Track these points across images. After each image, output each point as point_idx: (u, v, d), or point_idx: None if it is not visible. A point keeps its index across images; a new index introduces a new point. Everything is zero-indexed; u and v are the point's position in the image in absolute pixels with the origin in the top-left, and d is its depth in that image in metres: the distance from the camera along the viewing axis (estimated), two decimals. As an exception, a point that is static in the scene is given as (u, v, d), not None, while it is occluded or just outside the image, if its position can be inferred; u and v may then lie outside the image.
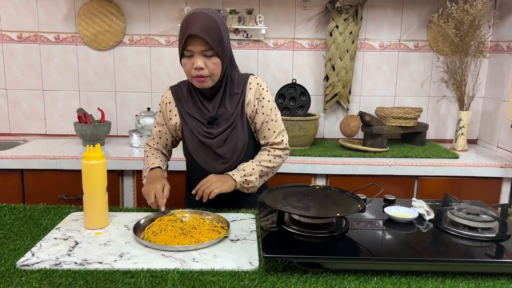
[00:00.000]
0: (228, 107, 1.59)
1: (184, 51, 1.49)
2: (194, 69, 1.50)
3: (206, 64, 1.49)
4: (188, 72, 1.53)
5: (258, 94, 1.63)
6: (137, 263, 1.16)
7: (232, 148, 1.60)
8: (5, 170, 2.28)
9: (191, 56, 1.50)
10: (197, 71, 1.49)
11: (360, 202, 1.34)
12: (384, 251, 1.22)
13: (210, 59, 1.50)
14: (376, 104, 2.86)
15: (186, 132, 1.64)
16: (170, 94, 1.68)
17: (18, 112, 2.82)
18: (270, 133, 1.65)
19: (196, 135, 1.61)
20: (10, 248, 1.24)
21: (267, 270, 1.14)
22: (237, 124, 1.60)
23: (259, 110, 1.63)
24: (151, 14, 2.73)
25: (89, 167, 1.36)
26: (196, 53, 1.48)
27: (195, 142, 1.62)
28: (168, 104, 1.68)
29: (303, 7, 2.75)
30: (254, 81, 1.64)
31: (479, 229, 1.29)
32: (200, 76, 1.50)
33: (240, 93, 1.61)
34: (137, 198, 2.37)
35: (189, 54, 1.50)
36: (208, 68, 1.50)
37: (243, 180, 1.58)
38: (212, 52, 1.49)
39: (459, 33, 2.49)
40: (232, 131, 1.59)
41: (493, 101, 2.76)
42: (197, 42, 1.46)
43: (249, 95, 1.62)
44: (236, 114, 1.60)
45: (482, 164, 2.37)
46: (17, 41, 2.73)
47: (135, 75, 2.80)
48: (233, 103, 1.60)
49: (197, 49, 1.47)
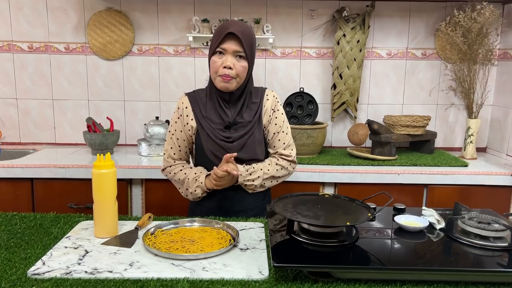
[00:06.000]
0: (246, 116, 1.66)
1: (218, 48, 1.55)
2: (222, 68, 1.55)
3: (234, 65, 1.56)
4: (216, 69, 1.57)
5: (274, 105, 1.72)
6: (147, 272, 1.16)
7: (251, 152, 1.66)
8: (15, 179, 2.30)
9: (221, 55, 1.56)
10: (225, 70, 1.55)
11: (370, 211, 1.34)
12: (395, 261, 1.21)
13: (239, 61, 1.57)
14: (384, 112, 2.86)
15: (203, 135, 1.65)
16: (186, 99, 1.71)
17: (28, 121, 2.85)
18: (280, 143, 1.71)
19: (213, 139, 1.63)
20: (21, 257, 1.25)
21: (277, 279, 1.14)
22: (255, 130, 1.66)
23: (272, 120, 1.71)
24: (160, 24, 2.76)
25: (100, 176, 1.37)
26: (228, 53, 1.55)
27: (212, 146, 1.64)
28: (185, 109, 1.69)
29: (310, 16, 2.76)
30: (270, 93, 1.74)
31: (491, 238, 1.27)
32: (227, 75, 1.56)
33: (258, 102, 1.69)
34: (145, 206, 2.38)
35: (222, 51, 1.56)
36: (236, 69, 1.57)
37: (246, 179, 1.65)
38: (243, 55, 1.57)
39: (467, 41, 2.49)
40: (251, 137, 1.65)
41: (502, 109, 2.74)
42: (232, 41, 1.54)
43: (266, 105, 1.71)
44: (254, 121, 1.66)
45: (491, 172, 2.35)
46: (27, 51, 2.77)
47: (143, 84, 2.83)
48: (251, 112, 1.67)
49: (231, 48, 1.55)
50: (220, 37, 1.55)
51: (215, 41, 1.58)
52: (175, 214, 1.72)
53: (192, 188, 1.66)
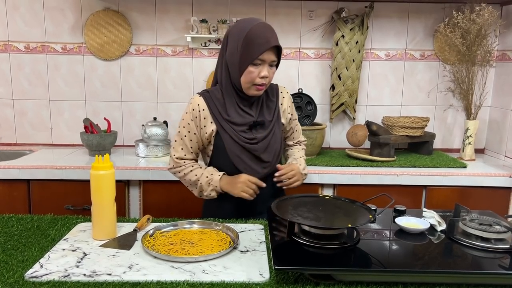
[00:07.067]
0: (267, 115, 1.67)
1: (257, 60, 1.53)
2: (260, 78, 1.55)
3: (269, 74, 1.57)
4: (252, 80, 1.56)
5: (290, 102, 1.78)
6: (146, 275, 1.14)
7: (273, 152, 1.67)
8: (11, 180, 2.28)
9: (258, 65, 1.55)
10: (262, 80, 1.56)
11: (371, 212, 1.33)
12: (396, 263, 1.20)
13: (271, 69, 1.58)
14: (383, 113, 2.85)
15: (225, 138, 1.61)
16: (202, 100, 1.63)
17: (25, 122, 2.83)
18: (298, 133, 1.88)
19: (237, 141, 1.60)
20: (19, 259, 1.23)
21: (278, 282, 1.13)
22: (276, 129, 1.68)
23: (292, 117, 1.80)
24: (158, 24, 2.75)
25: (98, 178, 1.36)
26: (265, 63, 1.55)
27: (236, 148, 1.61)
28: (202, 111, 1.62)
29: (309, 17, 2.76)
30: (284, 90, 1.77)
31: (492, 240, 1.27)
32: (263, 84, 1.57)
33: (275, 101, 1.70)
34: (143, 208, 2.36)
35: (260, 63, 1.55)
36: (269, 77, 1.58)
37: (304, 173, 1.74)
38: (276, 63, 1.59)
39: (466, 42, 2.49)
40: (273, 136, 1.67)
41: (500, 110, 2.74)
42: (272, 52, 1.54)
43: (284, 104, 1.75)
44: (274, 120, 1.68)
45: (490, 173, 2.35)
46: (24, 52, 2.75)
47: (141, 85, 2.81)
48: (271, 111, 1.69)
49: (270, 59, 1.55)
50: (262, 50, 1.51)
51: (254, 51, 1.52)
52: (173, 215, 1.70)
53: (207, 191, 1.65)
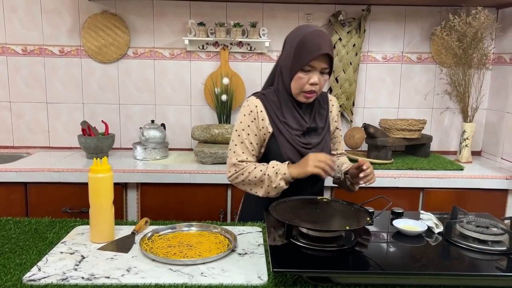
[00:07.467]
0: (319, 122, 1.66)
1: (307, 66, 1.52)
2: (309, 85, 1.54)
3: (319, 81, 1.54)
4: (301, 86, 1.55)
5: (337, 111, 1.77)
6: (144, 278, 1.14)
7: None
8: (8, 183, 2.27)
9: (308, 72, 1.53)
10: (312, 87, 1.54)
11: (369, 215, 1.33)
12: (394, 265, 1.20)
13: (323, 76, 1.56)
14: (380, 116, 2.86)
15: (281, 140, 1.60)
16: (259, 102, 1.62)
17: (22, 125, 2.83)
18: (341, 145, 1.86)
19: (293, 144, 1.60)
20: (16, 262, 1.23)
21: (276, 284, 1.13)
22: (327, 137, 1.68)
23: (338, 126, 1.79)
24: (155, 27, 2.75)
25: (96, 181, 1.36)
26: (316, 70, 1.53)
27: (291, 151, 1.60)
28: (260, 112, 1.61)
29: (306, 20, 2.76)
30: (333, 99, 1.77)
31: (489, 242, 1.28)
32: (313, 92, 1.55)
33: (326, 108, 1.70)
34: (141, 211, 2.36)
35: (310, 69, 1.53)
36: (320, 85, 1.56)
37: None
38: (328, 71, 1.56)
39: (462, 45, 2.50)
40: (325, 143, 1.67)
41: (496, 113, 2.76)
42: (322, 59, 1.52)
43: (333, 112, 1.74)
44: (325, 128, 1.68)
45: (487, 176, 2.36)
46: (21, 54, 2.75)
47: (139, 87, 2.81)
48: (322, 118, 1.68)
49: (320, 66, 1.52)
50: (313, 57, 1.49)
51: (305, 57, 1.51)
52: (171, 218, 1.71)
53: (275, 182, 1.54)
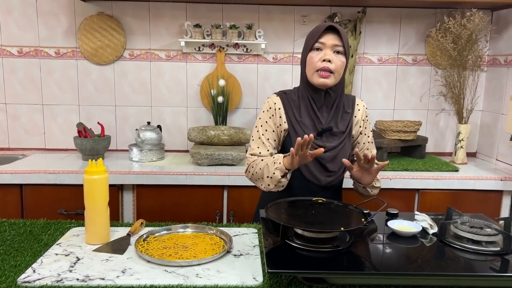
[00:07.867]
0: (340, 126, 1.63)
1: (316, 43, 1.54)
2: (321, 61, 1.53)
3: (333, 60, 1.54)
4: (314, 64, 1.55)
5: (365, 116, 1.73)
6: (140, 279, 1.14)
7: (340, 163, 1.61)
8: (4, 185, 2.27)
9: (319, 51, 1.55)
10: (325, 63, 1.53)
11: (364, 216, 1.34)
12: (389, 265, 1.21)
13: (337, 56, 1.55)
14: (375, 117, 2.87)
15: (295, 140, 1.54)
16: (279, 100, 1.65)
17: (18, 127, 2.82)
18: (368, 152, 1.66)
19: None
20: (11, 264, 1.23)
21: (271, 285, 1.13)
22: (346, 142, 1.65)
23: (363, 131, 1.72)
24: (152, 29, 2.75)
25: (91, 182, 1.36)
26: (327, 47, 1.54)
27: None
28: (278, 109, 1.63)
29: (302, 22, 2.77)
30: (361, 103, 1.74)
31: (483, 242, 1.28)
32: (326, 69, 1.53)
33: (350, 113, 1.68)
34: (137, 212, 2.36)
35: (320, 46, 1.54)
36: (335, 63, 1.54)
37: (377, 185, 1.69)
38: (341, 50, 1.55)
39: (457, 47, 2.51)
40: (342, 149, 1.63)
41: (491, 114, 2.77)
42: (331, 36, 1.54)
43: (357, 115, 1.70)
44: (346, 133, 1.65)
45: (482, 177, 2.37)
46: (17, 56, 2.74)
47: (135, 89, 2.81)
48: (344, 122, 1.65)
49: (330, 42, 1.54)
50: (319, 33, 1.53)
51: (313, 37, 1.56)
52: (166, 219, 1.71)
53: (271, 172, 1.51)
